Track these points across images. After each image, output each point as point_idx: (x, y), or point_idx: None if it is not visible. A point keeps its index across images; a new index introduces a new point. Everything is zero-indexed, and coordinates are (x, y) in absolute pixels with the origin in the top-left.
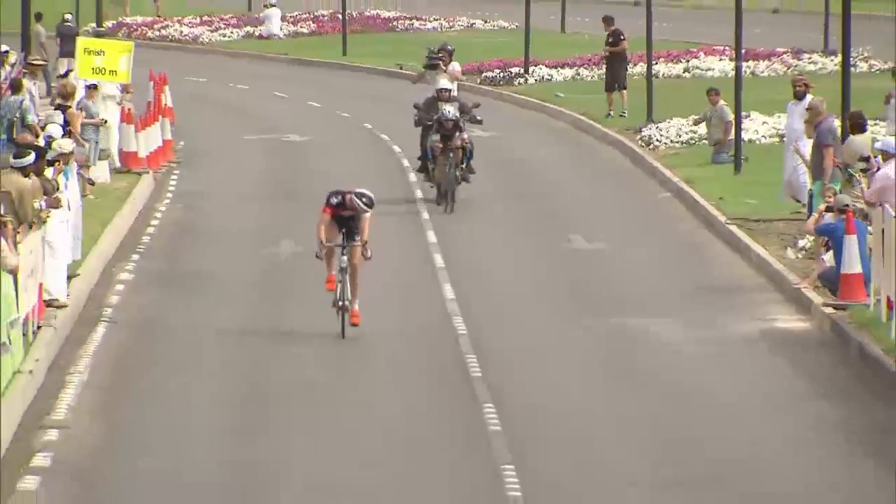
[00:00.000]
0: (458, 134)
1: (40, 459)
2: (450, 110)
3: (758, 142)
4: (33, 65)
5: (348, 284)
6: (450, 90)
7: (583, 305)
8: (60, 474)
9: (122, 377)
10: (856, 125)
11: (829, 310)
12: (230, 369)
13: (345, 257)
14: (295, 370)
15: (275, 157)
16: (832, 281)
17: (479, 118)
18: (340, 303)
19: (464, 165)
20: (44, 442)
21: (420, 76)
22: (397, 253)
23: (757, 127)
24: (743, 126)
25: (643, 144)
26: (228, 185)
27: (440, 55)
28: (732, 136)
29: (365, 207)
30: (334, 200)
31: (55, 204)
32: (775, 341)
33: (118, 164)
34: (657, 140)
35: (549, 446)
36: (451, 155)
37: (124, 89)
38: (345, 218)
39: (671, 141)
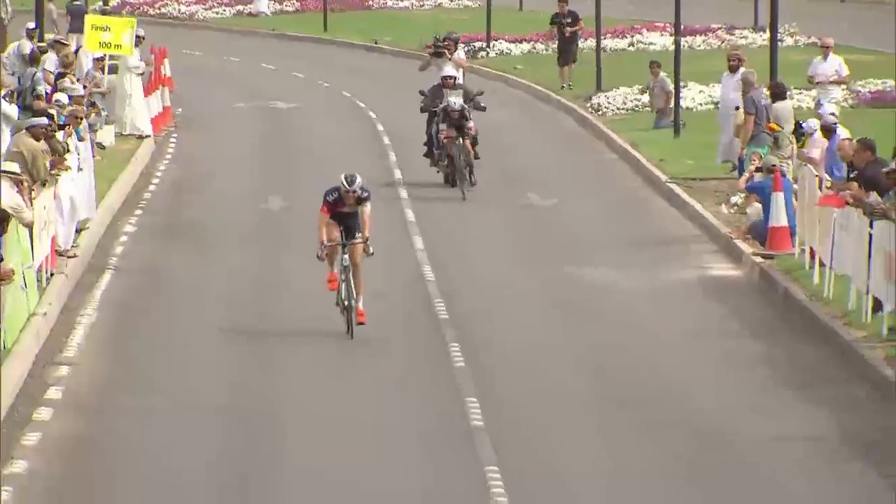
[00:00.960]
0: (465, 122)
1: (53, 392)
2: (455, 101)
3: (695, 109)
4: (60, 43)
5: (352, 283)
6: (455, 77)
7: (539, 254)
8: (71, 406)
9: (126, 319)
10: (776, 94)
11: (759, 259)
12: (227, 311)
13: (346, 255)
14: (286, 309)
15: (263, 122)
16: (761, 233)
17: (482, 105)
18: (346, 302)
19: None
20: (56, 377)
21: (426, 63)
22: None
23: (694, 95)
24: (681, 95)
25: (592, 111)
26: (222, 148)
27: (446, 43)
28: (672, 103)
29: (363, 193)
30: (331, 198)
31: (61, 166)
32: (709, 286)
33: (142, 129)
34: (605, 107)
35: (508, 375)
36: (460, 143)
37: (147, 63)
38: (344, 215)
39: (617, 108)
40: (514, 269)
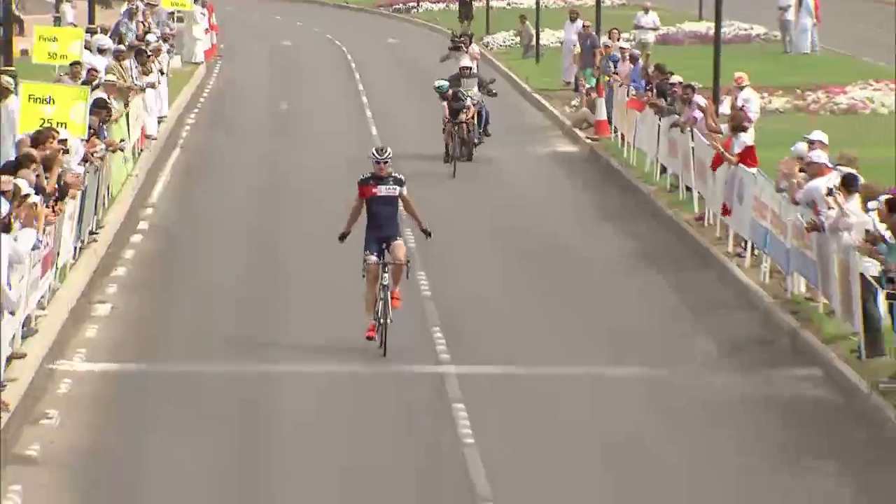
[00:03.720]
0: (462, 104)
1: (142, 224)
2: (444, 83)
3: (549, 45)
4: (150, 5)
5: (389, 302)
6: (471, 68)
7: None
8: (155, 229)
9: (188, 178)
10: (610, 35)
11: (589, 141)
12: (253, 172)
13: (387, 275)
14: (291, 171)
15: (275, 54)
16: (591, 123)
17: (494, 91)
18: (381, 320)
19: (481, 131)
20: (144, 215)
21: (446, 56)
22: (336, 99)
23: (548, 37)
24: (541, 37)
25: (484, 47)
26: (249, 69)
27: (462, 39)
28: (534, 42)
29: (399, 175)
30: (362, 178)
31: (153, 86)
32: (559, 159)
33: (200, 59)
34: (492, 44)
35: (438, 225)
36: (457, 129)
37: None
38: (380, 209)
39: (500, 45)
40: (432, 145)
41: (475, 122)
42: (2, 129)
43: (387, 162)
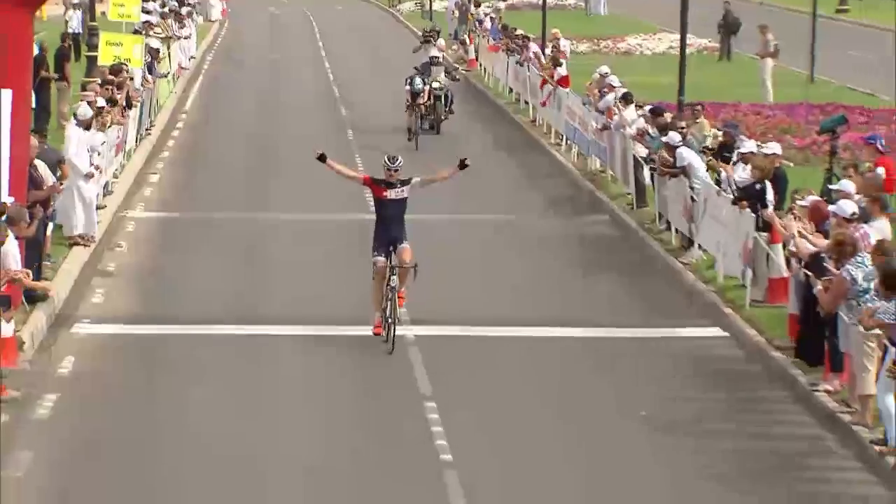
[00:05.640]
0: (419, 96)
1: (179, 125)
2: (418, 81)
3: (438, 10)
4: None
5: (396, 303)
6: (438, 57)
7: (380, 66)
8: (186, 128)
9: (209, 93)
10: (478, 5)
11: (464, 73)
12: (256, 95)
13: (395, 277)
14: (284, 90)
15: (266, 18)
16: (466, 60)
17: (457, 77)
18: (389, 320)
19: (447, 109)
20: (181, 118)
21: (418, 48)
22: (302, 55)
23: (437, 5)
24: (433, 4)
25: (397, 12)
26: (248, 28)
27: (431, 34)
28: (429, 8)
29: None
30: (376, 177)
31: (188, 35)
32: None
33: (216, 18)
34: (402, 10)
35: (368, 122)
36: (416, 109)
37: None
38: (388, 211)
39: (407, 10)
40: (365, 74)
41: (441, 102)
42: None
43: (397, 170)
